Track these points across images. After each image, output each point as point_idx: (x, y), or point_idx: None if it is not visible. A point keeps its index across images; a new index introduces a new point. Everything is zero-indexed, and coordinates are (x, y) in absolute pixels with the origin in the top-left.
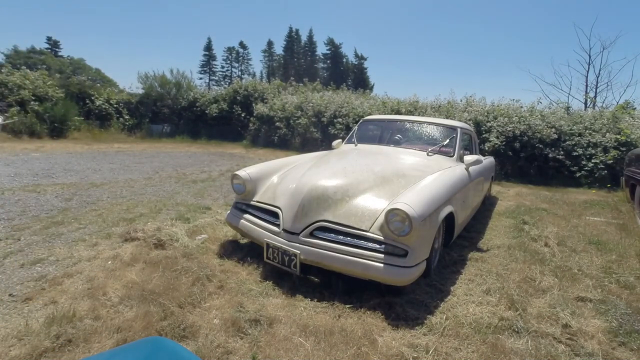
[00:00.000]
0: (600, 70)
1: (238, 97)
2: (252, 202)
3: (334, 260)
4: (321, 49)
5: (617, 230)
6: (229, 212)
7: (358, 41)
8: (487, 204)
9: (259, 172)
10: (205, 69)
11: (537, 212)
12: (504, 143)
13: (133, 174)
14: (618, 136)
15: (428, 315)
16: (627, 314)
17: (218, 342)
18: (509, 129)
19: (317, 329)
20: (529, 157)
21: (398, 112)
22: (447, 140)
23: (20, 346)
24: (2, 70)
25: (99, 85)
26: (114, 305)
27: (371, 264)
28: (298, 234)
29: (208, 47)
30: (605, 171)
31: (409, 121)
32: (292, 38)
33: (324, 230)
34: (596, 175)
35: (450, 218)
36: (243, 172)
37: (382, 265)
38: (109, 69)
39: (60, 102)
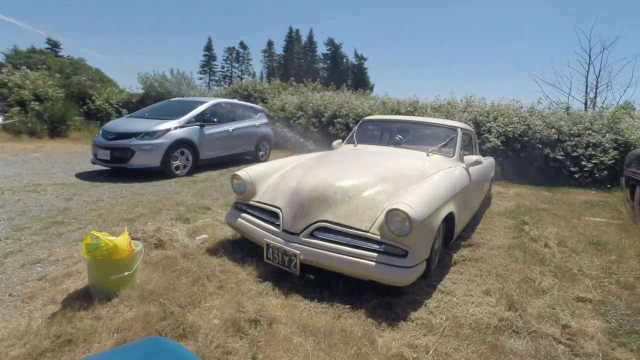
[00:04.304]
0: (600, 71)
1: (238, 98)
2: (251, 202)
3: (334, 261)
4: (321, 49)
5: (617, 231)
6: (228, 212)
7: (358, 41)
8: (487, 204)
9: (259, 173)
10: (205, 69)
11: (537, 212)
12: (504, 143)
13: (132, 173)
14: (618, 136)
15: (428, 316)
16: (626, 315)
17: (218, 342)
18: (509, 129)
19: (317, 329)
20: (529, 157)
21: (398, 112)
22: (447, 141)
23: (20, 346)
24: (2, 70)
25: (99, 85)
26: (114, 305)
27: (371, 264)
28: (298, 234)
29: (208, 47)
30: (605, 171)
31: (409, 122)
32: (292, 38)
33: (324, 231)
34: (596, 175)
35: (450, 218)
36: (243, 173)
37: (382, 265)
38: (109, 69)
39: (60, 102)
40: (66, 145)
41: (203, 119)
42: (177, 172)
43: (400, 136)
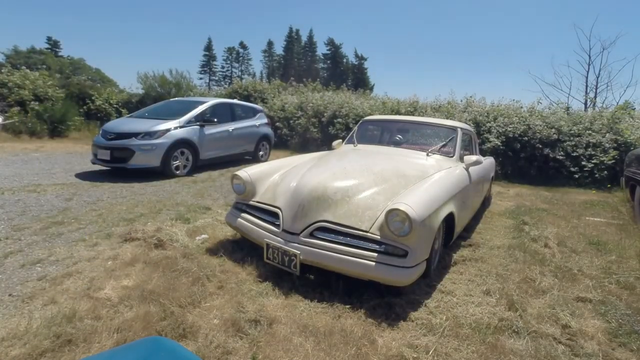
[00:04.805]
0: (600, 71)
1: (238, 98)
2: (251, 202)
3: (334, 261)
4: (321, 49)
5: (617, 231)
6: (228, 212)
7: (358, 41)
8: (487, 204)
9: (259, 173)
10: (205, 69)
11: (537, 212)
12: (504, 143)
13: (133, 173)
14: (618, 137)
15: (428, 316)
16: (626, 315)
17: (218, 342)
18: (509, 129)
19: (317, 329)
20: (529, 157)
21: (398, 113)
22: (447, 141)
23: (20, 346)
24: (2, 70)
25: (99, 85)
26: (114, 305)
27: (371, 264)
28: (298, 234)
29: (208, 47)
30: (605, 171)
31: (409, 122)
32: (292, 38)
33: (324, 231)
34: (596, 175)
35: (450, 218)
36: (243, 173)
37: (382, 265)
38: (109, 69)
39: (60, 102)
40: (66, 145)
41: (203, 119)
42: (177, 172)
43: (400, 136)
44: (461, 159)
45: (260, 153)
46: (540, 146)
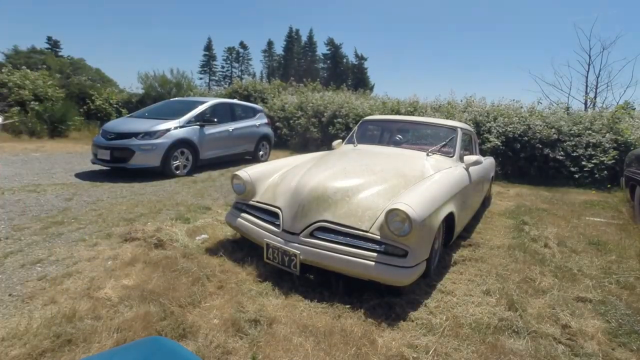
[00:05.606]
0: (600, 71)
1: (238, 98)
2: (251, 202)
3: (334, 261)
4: (321, 49)
5: (617, 231)
6: (228, 212)
7: (358, 41)
8: (487, 204)
9: (259, 173)
10: (205, 69)
11: (537, 212)
12: (504, 143)
13: (132, 173)
14: (618, 137)
15: (428, 316)
16: (626, 315)
17: (218, 342)
18: (509, 129)
19: (317, 329)
20: (529, 157)
21: (398, 112)
22: (447, 141)
23: (20, 346)
24: (3, 70)
25: (99, 85)
26: (114, 305)
27: (371, 264)
28: (298, 234)
29: (208, 47)
30: (605, 171)
31: (409, 122)
32: (292, 38)
33: (324, 231)
34: (596, 175)
35: (450, 218)
36: (243, 173)
37: (382, 265)
38: (109, 69)
39: (60, 102)
40: (66, 145)
41: (203, 119)
42: (177, 172)
43: (400, 136)
44: (461, 159)
45: (260, 153)
46: (540, 146)
